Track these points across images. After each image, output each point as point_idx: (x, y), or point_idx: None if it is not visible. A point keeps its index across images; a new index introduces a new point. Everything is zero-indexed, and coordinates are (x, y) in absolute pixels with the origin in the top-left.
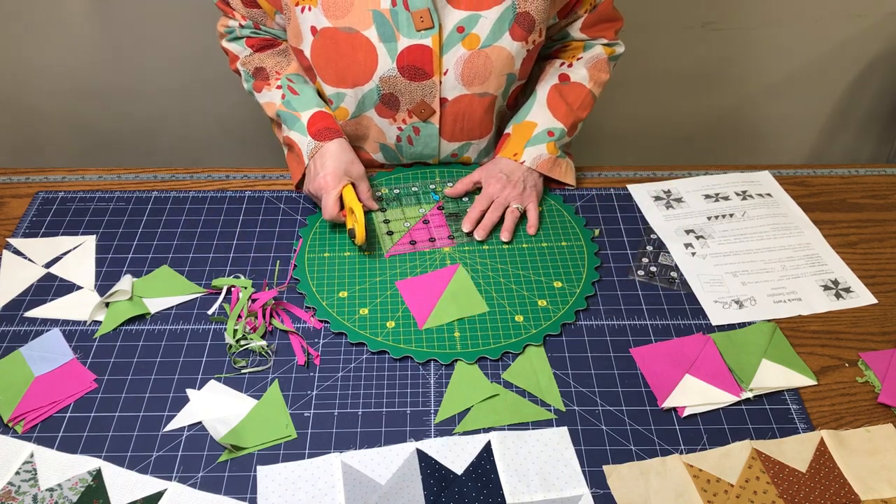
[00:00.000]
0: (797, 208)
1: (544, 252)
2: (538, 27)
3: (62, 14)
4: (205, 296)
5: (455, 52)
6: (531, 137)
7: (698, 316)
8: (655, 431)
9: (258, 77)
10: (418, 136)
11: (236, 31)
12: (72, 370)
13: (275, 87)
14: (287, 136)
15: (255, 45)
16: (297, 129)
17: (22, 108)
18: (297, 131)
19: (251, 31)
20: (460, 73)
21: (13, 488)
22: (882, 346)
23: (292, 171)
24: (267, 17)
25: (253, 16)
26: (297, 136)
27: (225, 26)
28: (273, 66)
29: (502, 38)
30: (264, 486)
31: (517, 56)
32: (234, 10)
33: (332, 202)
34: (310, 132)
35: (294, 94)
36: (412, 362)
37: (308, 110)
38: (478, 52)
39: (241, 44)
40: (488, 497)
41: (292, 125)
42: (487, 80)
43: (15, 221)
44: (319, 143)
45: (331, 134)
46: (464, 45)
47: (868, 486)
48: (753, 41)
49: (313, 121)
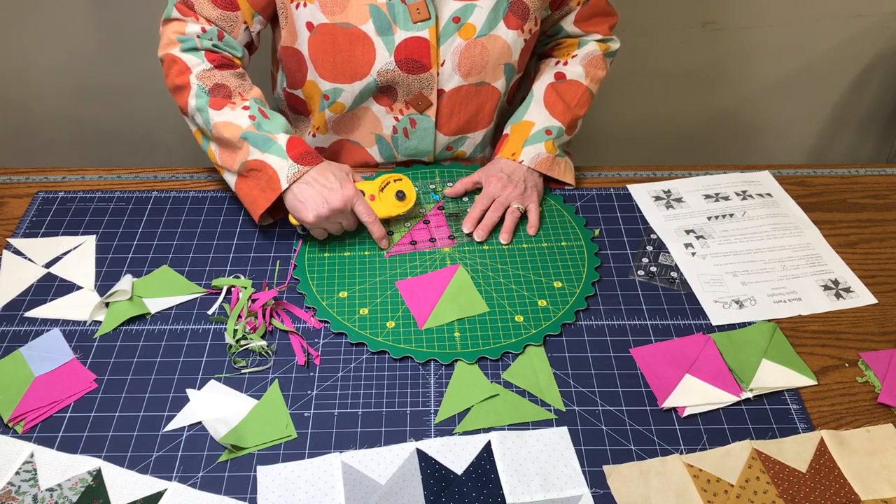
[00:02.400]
0: (797, 208)
1: (544, 252)
2: (533, 15)
3: (62, 14)
4: (205, 296)
5: (451, 43)
6: (529, 136)
7: (698, 316)
8: (655, 431)
9: (218, 94)
10: (414, 129)
11: (194, 42)
12: (72, 370)
13: (240, 107)
14: (256, 159)
15: (216, 61)
16: (274, 152)
17: (22, 108)
18: (273, 154)
19: (212, 43)
20: (457, 64)
21: (13, 488)
22: (882, 346)
23: (253, 198)
24: (237, 23)
25: (223, 20)
26: (274, 160)
27: (179, 33)
28: (237, 87)
29: (497, 27)
30: (264, 486)
31: (514, 46)
32: (198, 13)
33: (367, 206)
34: (290, 156)
35: (265, 118)
36: (412, 362)
37: (284, 134)
38: (474, 42)
39: (198, 56)
40: (488, 497)
41: (266, 148)
42: (484, 70)
43: (15, 221)
44: (304, 167)
45: (314, 159)
46: (460, 35)
47: (868, 486)
48: (753, 41)
49: (293, 144)
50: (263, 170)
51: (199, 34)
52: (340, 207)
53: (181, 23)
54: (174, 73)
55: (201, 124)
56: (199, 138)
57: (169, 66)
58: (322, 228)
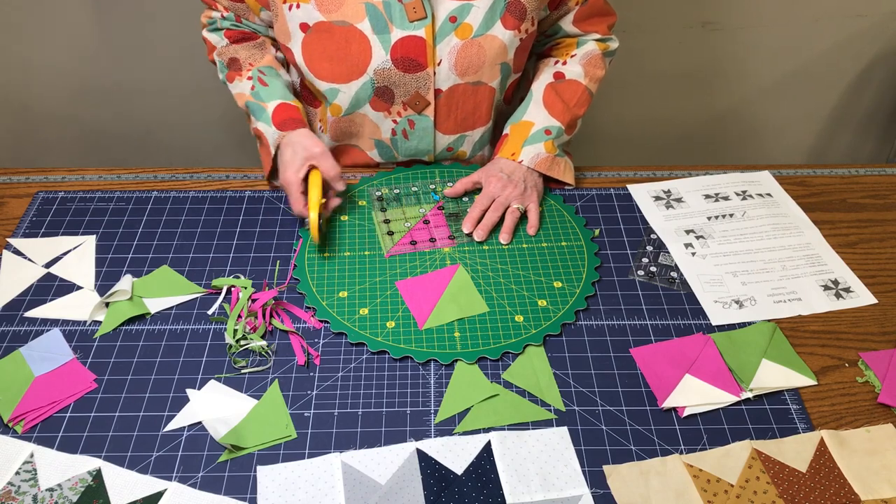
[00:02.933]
0: (797, 208)
1: (544, 252)
2: (529, 16)
3: (62, 14)
4: (205, 296)
5: (448, 42)
6: (528, 136)
7: (698, 316)
8: (655, 431)
9: (231, 67)
10: (413, 130)
11: (217, 23)
12: (72, 370)
13: (245, 77)
14: (255, 127)
15: (233, 36)
16: (264, 120)
17: (22, 108)
18: (263, 122)
19: (231, 23)
20: (454, 63)
21: (13, 488)
22: (882, 346)
23: (263, 162)
24: (250, 12)
25: (236, 9)
26: (264, 127)
27: (208, 17)
28: (246, 58)
29: (494, 27)
30: (264, 486)
31: (510, 45)
32: (218, 1)
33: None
34: (274, 122)
35: (263, 86)
36: (412, 362)
37: (274, 101)
38: (471, 42)
39: (219, 34)
40: (488, 497)
41: (259, 116)
42: (481, 70)
43: (15, 221)
44: (282, 133)
45: (294, 124)
46: (457, 35)
47: (868, 486)
48: (753, 41)
49: (277, 112)
50: (261, 136)
51: (220, 18)
52: (284, 185)
53: (209, 9)
54: (208, 52)
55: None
56: None
57: (206, 46)
58: None
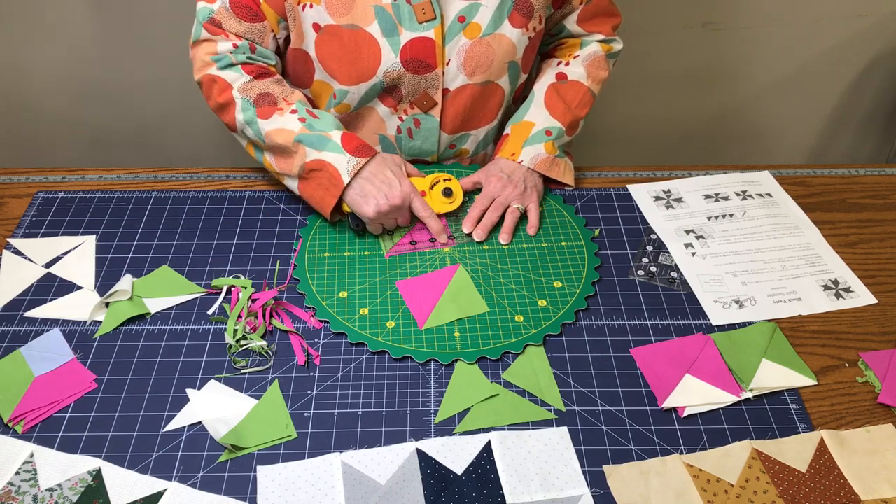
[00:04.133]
0: (797, 208)
1: (544, 252)
2: (537, 13)
3: (62, 14)
4: (205, 296)
5: (457, 42)
6: (529, 137)
7: (698, 316)
8: (655, 431)
9: (264, 104)
10: (418, 129)
11: (229, 58)
12: (72, 370)
13: (288, 111)
14: (316, 159)
15: (254, 72)
16: (331, 149)
17: (22, 108)
18: (331, 151)
19: (247, 56)
20: (462, 63)
21: (13, 488)
22: (882, 346)
23: (319, 198)
24: (266, 32)
25: (251, 33)
26: (333, 157)
27: (212, 53)
28: (280, 93)
29: (503, 26)
30: (264, 486)
31: (519, 44)
32: (227, 30)
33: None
34: (347, 150)
35: (314, 118)
36: (412, 362)
37: (337, 130)
38: (479, 41)
39: (236, 70)
40: (488, 497)
41: (323, 146)
42: (490, 69)
43: (15, 221)
44: (361, 159)
45: (369, 150)
46: (465, 35)
47: (868, 486)
48: (753, 41)
49: (347, 140)
50: (324, 168)
51: (231, 50)
52: (399, 204)
53: (211, 43)
54: (216, 92)
55: (252, 136)
56: (252, 151)
57: (209, 86)
58: (379, 223)
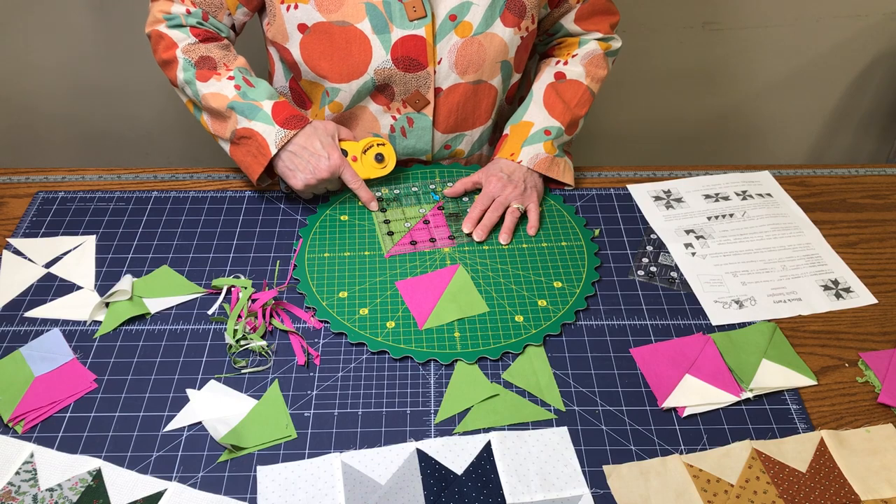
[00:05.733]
0: (797, 208)
1: (544, 252)
2: (529, 13)
3: (62, 14)
4: (205, 296)
5: (448, 41)
6: (528, 137)
7: (698, 316)
8: (655, 431)
9: (203, 66)
10: (412, 129)
11: (180, 18)
12: (72, 370)
13: (226, 77)
14: (245, 127)
15: (200, 35)
16: (260, 119)
17: (22, 107)
18: (260, 121)
19: (197, 20)
20: (454, 62)
21: (13, 488)
22: (882, 346)
23: (248, 164)
24: (221, 9)
25: (206, 4)
26: (261, 126)
27: (165, 12)
28: (221, 58)
29: (494, 25)
30: (264, 486)
31: (511, 44)
32: None
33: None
34: (276, 121)
35: (250, 86)
36: (412, 362)
37: (269, 100)
38: (471, 40)
39: (184, 31)
40: (488, 497)
41: (253, 115)
42: (481, 68)
43: (15, 221)
44: (290, 130)
45: (300, 122)
46: (456, 34)
47: (868, 486)
48: (753, 41)
49: (278, 110)
50: (252, 137)
51: (184, 14)
52: (327, 177)
53: (168, 2)
54: (161, 48)
55: (191, 96)
56: (191, 108)
57: (156, 41)
58: (310, 192)
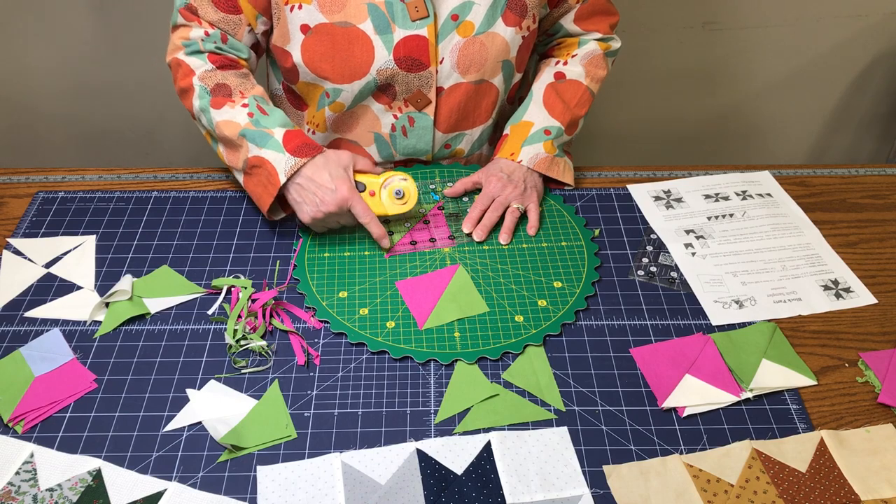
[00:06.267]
0: (797, 208)
1: (544, 252)
2: (531, 12)
3: (62, 14)
4: (205, 296)
5: (450, 41)
6: (528, 137)
7: (698, 316)
8: (655, 431)
9: (219, 94)
10: (413, 128)
11: (198, 44)
12: (72, 370)
13: (240, 104)
14: (256, 155)
15: (218, 62)
16: (271, 147)
17: (22, 107)
18: (270, 149)
19: (215, 45)
20: (456, 62)
21: (13, 488)
22: (882, 346)
23: (258, 195)
24: (240, 25)
25: (225, 23)
26: (272, 154)
27: (184, 38)
28: (238, 85)
29: (496, 25)
30: (264, 486)
31: (512, 43)
32: (202, 17)
33: (364, 207)
34: (287, 149)
35: (263, 114)
36: (412, 362)
37: (281, 128)
38: (472, 39)
39: (201, 58)
40: (488, 497)
41: (263, 143)
42: (483, 68)
43: (15, 221)
44: (301, 159)
45: (311, 150)
46: (458, 33)
47: (868, 486)
48: (753, 41)
49: (289, 138)
50: (263, 165)
51: (202, 38)
52: (334, 211)
53: (186, 28)
54: (179, 76)
55: (206, 125)
56: (209, 140)
57: (175, 70)
58: (322, 224)
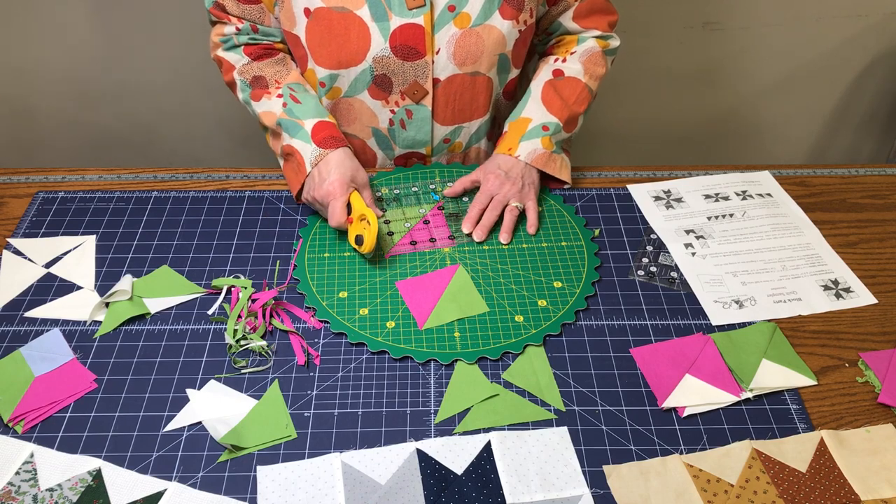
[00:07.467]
0: (797, 208)
1: (544, 252)
2: (528, 7)
3: (62, 14)
4: (205, 296)
5: (447, 31)
6: (525, 132)
7: (698, 316)
8: (655, 431)
9: (257, 86)
10: (411, 120)
11: (233, 39)
12: (72, 370)
13: (275, 95)
14: (288, 144)
15: (254, 53)
16: (300, 137)
17: (22, 108)
18: (299, 139)
19: (249, 37)
20: (452, 53)
21: (13, 488)
22: (882, 346)
23: (290, 181)
24: (264, 13)
25: (249, 14)
26: (300, 144)
27: (220, 35)
28: (273, 75)
29: (492, 17)
30: (264, 486)
31: (508, 36)
32: (229, 13)
33: (340, 208)
34: (314, 140)
35: (296, 103)
36: (412, 362)
37: (311, 119)
38: (469, 31)
39: (238, 52)
40: (488, 497)
41: (294, 133)
42: (479, 60)
43: (15, 221)
44: (324, 150)
45: (335, 143)
46: (455, 24)
47: (868, 486)
48: (753, 41)
49: (317, 129)
50: (294, 154)
51: (235, 32)
52: (319, 199)
53: (220, 25)
54: (223, 72)
55: (253, 116)
56: (261, 128)
57: (219, 66)
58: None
